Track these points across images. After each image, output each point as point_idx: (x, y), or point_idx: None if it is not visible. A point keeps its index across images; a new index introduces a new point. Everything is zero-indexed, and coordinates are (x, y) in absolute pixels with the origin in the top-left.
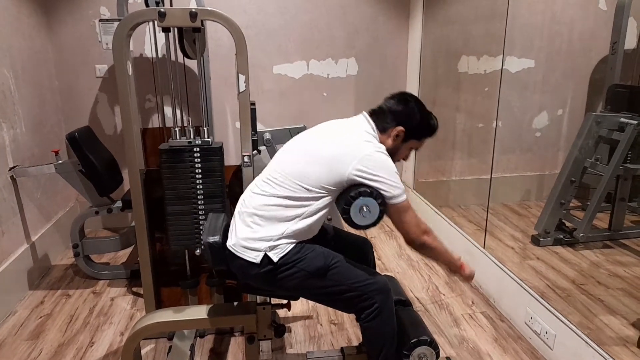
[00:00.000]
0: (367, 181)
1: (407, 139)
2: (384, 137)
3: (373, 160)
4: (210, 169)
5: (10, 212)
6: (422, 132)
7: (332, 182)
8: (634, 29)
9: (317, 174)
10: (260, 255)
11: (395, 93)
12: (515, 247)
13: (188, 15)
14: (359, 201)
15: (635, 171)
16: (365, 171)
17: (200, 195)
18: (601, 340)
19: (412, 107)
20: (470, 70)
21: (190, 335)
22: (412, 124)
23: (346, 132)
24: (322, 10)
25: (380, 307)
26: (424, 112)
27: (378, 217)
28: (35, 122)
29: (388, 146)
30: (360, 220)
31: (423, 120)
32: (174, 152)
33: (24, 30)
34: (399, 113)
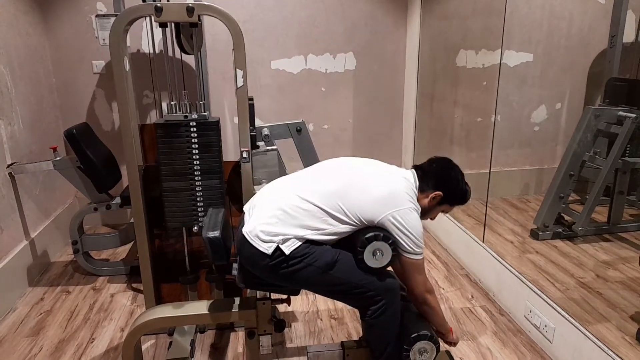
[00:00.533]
0: (395, 230)
1: (441, 203)
2: (422, 196)
3: (409, 217)
4: (207, 143)
5: (9, 209)
6: (457, 200)
7: (367, 217)
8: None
9: (359, 204)
10: (272, 246)
11: (440, 157)
12: (515, 241)
13: (185, 10)
14: (376, 243)
15: (633, 164)
16: (399, 222)
17: (197, 171)
18: (600, 333)
19: (454, 176)
20: (469, 64)
21: (191, 331)
22: (450, 191)
23: (396, 180)
24: (320, 5)
25: (387, 305)
26: (463, 182)
27: (387, 264)
28: (32, 118)
29: (423, 205)
30: (370, 261)
31: (460, 189)
32: (170, 127)
33: (21, 26)
34: (441, 179)
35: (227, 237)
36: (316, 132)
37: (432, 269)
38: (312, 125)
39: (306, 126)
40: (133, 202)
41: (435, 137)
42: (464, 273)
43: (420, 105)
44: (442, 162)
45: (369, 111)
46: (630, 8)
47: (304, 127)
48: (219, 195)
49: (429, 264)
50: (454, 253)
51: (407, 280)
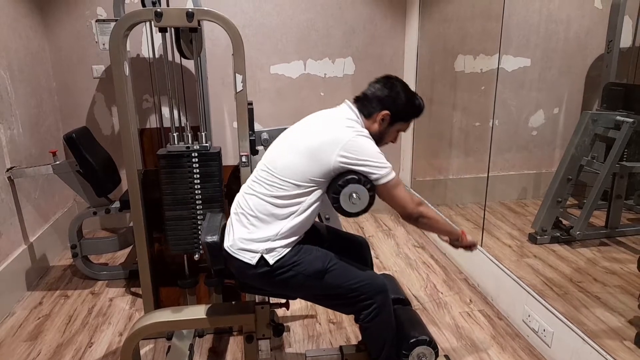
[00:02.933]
0: (353, 167)
1: (393, 122)
2: (370, 122)
3: (355, 145)
4: (209, 173)
5: (7, 213)
6: (408, 114)
7: (319, 173)
8: (630, 27)
9: (303, 167)
10: (256, 256)
11: (380, 77)
12: (513, 245)
13: (185, 16)
14: (347, 189)
15: (631, 169)
16: (350, 157)
17: (199, 200)
18: (598, 337)
19: (397, 90)
20: (467, 69)
21: (189, 335)
22: (397, 106)
23: (327, 121)
24: (319, 10)
25: (379, 307)
26: (409, 93)
27: (368, 203)
28: (32, 122)
29: (375, 131)
30: (351, 208)
31: (408, 102)
32: (172, 158)
33: (21, 30)
34: (384, 97)
35: None
36: None
37: (430, 273)
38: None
39: None
40: (132, 206)
41: (433, 141)
42: (463, 277)
43: None
44: (382, 80)
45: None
46: (627, 13)
47: None
48: None
49: (427, 269)
50: (452, 257)
51: (394, 204)
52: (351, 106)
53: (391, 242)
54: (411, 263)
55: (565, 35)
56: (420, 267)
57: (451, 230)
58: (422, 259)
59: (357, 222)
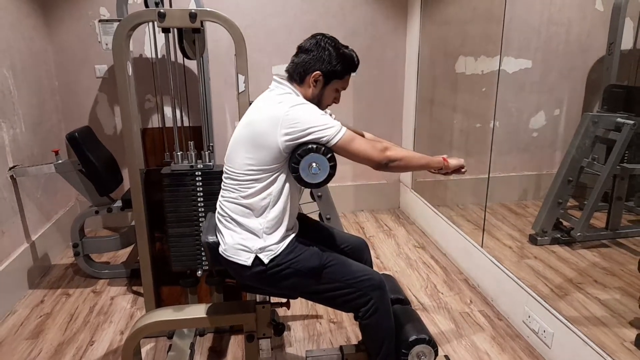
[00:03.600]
0: (300, 139)
1: (327, 81)
2: (304, 88)
3: (292, 117)
4: (212, 192)
5: (10, 211)
6: (342, 69)
7: (270, 159)
8: (631, 29)
9: (254, 160)
10: (251, 257)
11: (305, 39)
12: (513, 246)
13: (188, 16)
14: (303, 162)
15: (632, 171)
16: (292, 132)
17: (202, 218)
18: (599, 338)
19: (322, 46)
20: (468, 70)
21: (190, 334)
22: (327, 64)
23: (260, 106)
24: (321, 11)
25: (377, 304)
26: (337, 47)
27: (330, 168)
28: (35, 122)
29: (312, 96)
30: (314, 178)
31: (338, 56)
32: (176, 177)
33: (24, 30)
34: (311, 58)
35: None
36: None
37: (431, 273)
38: None
39: None
40: (134, 205)
41: (434, 142)
42: (463, 278)
43: (419, 110)
44: (306, 42)
45: (368, 116)
46: (629, 15)
47: None
48: None
49: (427, 269)
50: (453, 258)
51: (357, 159)
52: (279, 80)
53: (392, 243)
54: (412, 263)
55: (567, 37)
56: (421, 268)
57: (430, 161)
58: (422, 259)
59: (358, 222)
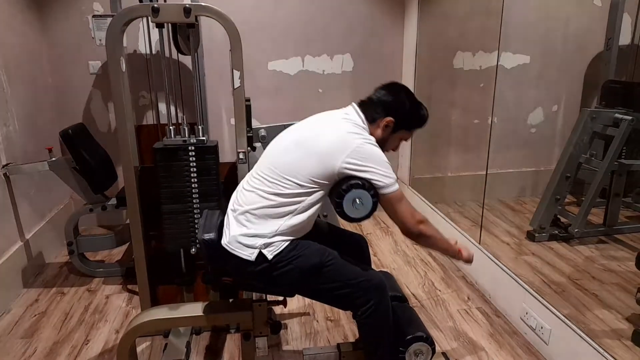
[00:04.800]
0: (358, 173)
1: (396, 129)
2: (374, 127)
3: (362, 152)
4: (206, 167)
5: (3, 209)
6: (412, 123)
7: (323, 175)
8: (629, 25)
9: (307, 169)
10: (255, 252)
11: (386, 83)
12: (511, 243)
13: (182, 11)
14: (351, 194)
15: (629, 167)
16: (356, 163)
17: (196, 194)
18: (596, 334)
19: (402, 97)
20: (466, 66)
21: (186, 333)
22: (401, 114)
23: (335, 124)
24: (317, 6)
25: (376, 304)
26: (414, 102)
27: (371, 209)
28: (28, 119)
29: (377, 137)
30: (354, 213)
31: (413, 110)
32: (169, 151)
33: (17, 26)
34: (389, 103)
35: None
36: None
37: (428, 270)
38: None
39: None
40: (129, 203)
41: (432, 138)
42: (461, 275)
43: None
44: (388, 86)
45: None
46: (627, 11)
47: None
48: None
49: (425, 266)
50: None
51: (394, 217)
52: (358, 110)
53: (389, 240)
54: (409, 260)
55: (565, 32)
56: (418, 265)
57: (449, 248)
58: (420, 256)
59: None
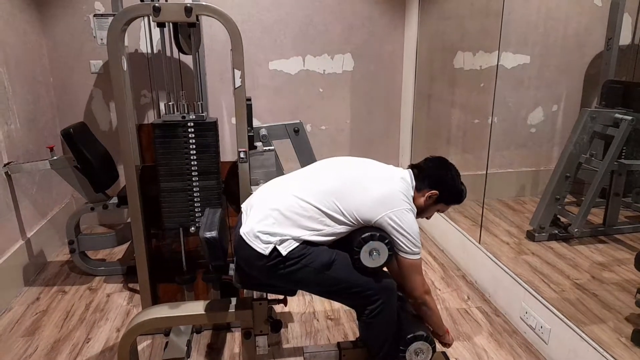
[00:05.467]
0: (393, 230)
1: (437, 201)
2: (418, 195)
3: (405, 217)
4: (205, 144)
5: (5, 208)
6: (452, 199)
7: (364, 217)
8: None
9: (356, 204)
10: (269, 247)
11: (436, 157)
12: (511, 243)
13: (183, 11)
14: (372, 243)
15: (629, 167)
16: (396, 222)
17: (195, 172)
18: (595, 334)
19: (450, 175)
20: (466, 66)
21: (187, 331)
22: (446, 190)
23: (394, 180)
24: (318, 6)
25: (385, 305)
26: (458, 180)
27: (384, 263)
28: (29, 118)
29: (419, 204)
30: (367, 261)
31: (456, 188)
32: (168, 127)
33: (18, 25)
34: (438, 178)
35: (224, 237)
36: (314, 132)
37: (428, 269)
38: (309, 126)
39: (304, 127)
40: (130, 202)
41: (432, 138)
42: (460, 274)
43: (417, 106)
44: (438, 161)
45: (366, 112)
46: (627, 11)
47: (301, 128)
48: (216, 195)
49: (425, 265)
50: (450, 254)
51: (406, 281)
52: (412, 176)
53: None
54: None
55: (565, 32)
56: None
57: (441, 325)
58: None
59: None
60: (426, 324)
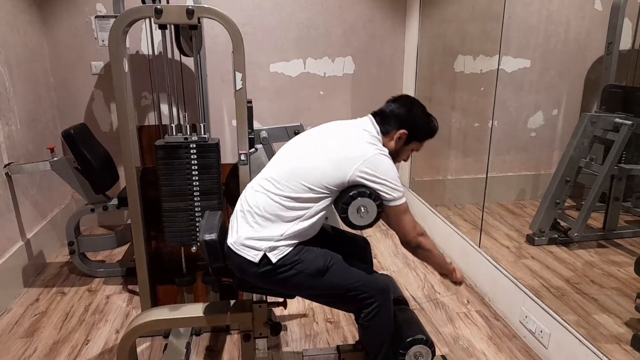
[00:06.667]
0: (369, 183)
1: (409, 141)
2: (387, 139)
3: (377, 163)
4: (207, 165)
5: (5, 209)
6: (424, 135)
7: (334, 182)
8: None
9: (321, 174)
10: (259, 254)
11: (397, 96)
12: (510, 246)
13: (185, 13)
14: (357, 201)
15: (629, 171)
16: (369, 173)
17: (197, 192)
18: (595, 338)
19: (415, 110)
20: (467, 69)
21: (186, 333)
22: (414, 126)
23: (352, 133)
24: (319, 8)
25: (380, 307)
26: (426, 114)
27: (375, 219)
28: (30, 118)
29: (391, 148)
30: (358, 221)
31: (425, 123)
32: (170, 149)
33: (19, 26)
34: (402, 116)
35: (224, 239)
36: None
37: (428, 273)
38: (310, 128)
39: (304, 129)
40: (130, 204)
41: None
42: None
43: None
44: (400, 99)
45: (366, 114)
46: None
47: (302, 130)
48: None
49: (425, 269)
50: (450, 257)
51: (397, 228)
52: (374, 122)
53: (389, 242)
54: (409, 263)
55: (565, 36)
56: (418, 267)
57: (444, 265)
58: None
59: None
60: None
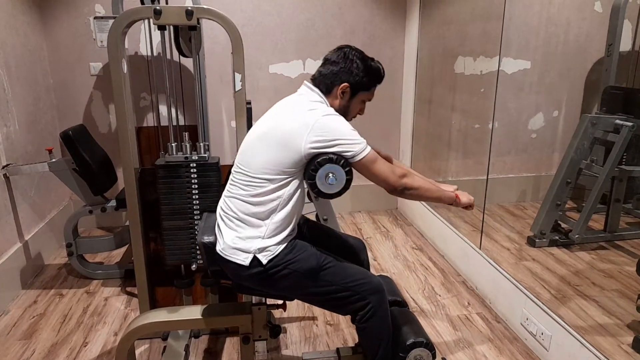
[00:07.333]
0: (325, 149)
1: (354, 93)
2: (331, 98)
3: (323, 126)
4: (207, 184)
5: (3, 210)
6: (369, 81)
7: (291, 162)
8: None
9: (274, 161)
10: (249, 257)
11: (330, 51)
12: (511, 248)
13: (184, 13)
14: (321, 171)
15: (630, 173)
16: (320, 140)
17: (197, 211)
18: (596, 341)
19: (350, 58)
20: (467, 71)
21: (185, 336)
22: (355, 76)
23: (291, 108)
24: (319, 9)
25: (375, 308)
26: (363, 60)
27: (346, 181)
28: (29, 120)
29: (338, 106)
30: (329, 189)
31: (365, 68)
32: (171, 168)
33: (18, 27)
34: (339, 70)
35: None
36: None
37: (428, 275)
38: None
39: None
40: (129, 205)
41: (432, 142)
42: (461, 280)
43: (417, 110)
44: (334, 53)
45: (366, 116)
46: (627, 17)
47: None
48: None
49: (425, 271)
50: (451, 260)
51: (375, 179)
52: (311, 86)
53: (389, 244)
54: (409, 265)
55: (565, 38)
56: (419, 269)
57: (442, 195)
58: (420, 261)
59: (355, 223)
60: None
